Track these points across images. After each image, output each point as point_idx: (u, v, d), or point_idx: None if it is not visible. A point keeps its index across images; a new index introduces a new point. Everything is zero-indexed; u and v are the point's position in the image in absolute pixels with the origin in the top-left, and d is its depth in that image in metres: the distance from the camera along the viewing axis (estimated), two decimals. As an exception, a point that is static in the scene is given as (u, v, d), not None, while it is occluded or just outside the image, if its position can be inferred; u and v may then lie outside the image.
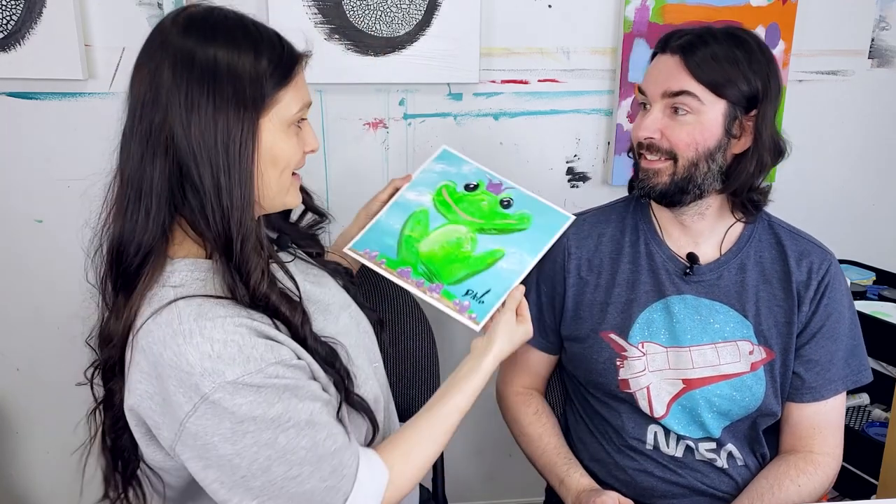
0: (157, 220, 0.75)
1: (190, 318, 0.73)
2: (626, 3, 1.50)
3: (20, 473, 1.72)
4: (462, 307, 0.99)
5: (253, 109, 0.75)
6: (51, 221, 1.53)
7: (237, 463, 0.73)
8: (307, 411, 0.76)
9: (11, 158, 1.49)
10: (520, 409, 1.21)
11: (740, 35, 0.99)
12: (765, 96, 0.98)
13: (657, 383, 1.07)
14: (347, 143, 1.53)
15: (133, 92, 0.76)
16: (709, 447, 1.08)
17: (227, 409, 0.71)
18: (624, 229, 1.13)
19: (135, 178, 0.75)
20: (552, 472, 1.13)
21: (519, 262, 1.02)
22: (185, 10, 0.78)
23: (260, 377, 0.72)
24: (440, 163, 1.09)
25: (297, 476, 0.74)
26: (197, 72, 0.73)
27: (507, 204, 1.07)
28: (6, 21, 1.38)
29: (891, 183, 1.76)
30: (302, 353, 0.80)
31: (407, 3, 1.45)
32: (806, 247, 1.08)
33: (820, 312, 1.05)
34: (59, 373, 1.61)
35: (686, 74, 0.97)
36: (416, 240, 1.03)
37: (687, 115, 0.98)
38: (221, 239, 0.76)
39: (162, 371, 0.72)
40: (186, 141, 0.74)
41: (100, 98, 1.47)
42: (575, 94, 1.59)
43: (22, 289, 1.57)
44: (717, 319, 1.06)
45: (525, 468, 1.80)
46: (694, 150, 0.99)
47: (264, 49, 0.77)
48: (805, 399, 1.06)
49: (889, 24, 1.64)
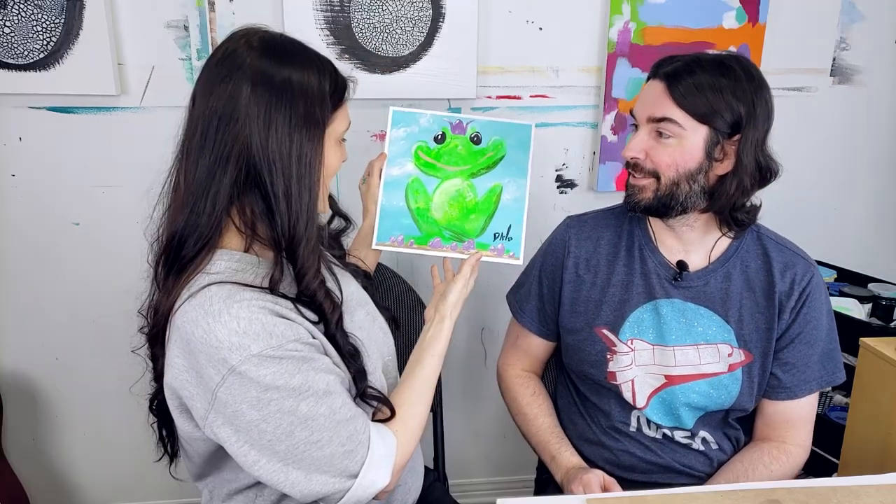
0: (217, 218, 0.80)
1: (220, 300, 0.76)
2: (610, 26, 1.56)
3: (60, 454, 1.78)
4: (499, 251, 1.03)
5: (321, 126, 0.81)
6: (86, 224, 1.59)
7: (263, 427, 0.76)
8: (324, 381, 0.79)
9: (51, 167, 1.55)
10: (519, 391, 1.24)
11: (728, 63, 0.99)
12: (748, 122, 0.98)
13: (642, 377, 1.11)
14: (357, 154, 1.56)
15: (207, 108, 0.79)
16: (683, 434, 1.14)
17: (253, 378, 0.75)
18: (621, 234, 1.16)
19: (202, 182, 0.79)
20: (545, 449, 1.18)
21: (517, 187, 1.05)
22: (256, 34, 0.82)
23: (281, 351, 0.76)
24: (400, 127, 1.06)
25: (318, 441, 0.78)
26: (276, 91, 0.78)
27: (478, 139, 1.05)
28: (47, 42, 1.44)
29: (851, 189, 1.80)
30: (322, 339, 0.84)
31: (411, 26, 1.52)
32: (791, 258, 1.09)
33: (799, 320, 1.08)
34: (93, 362, 1.68)
35: (670, 101, 0.99)
36: (426, 209, 1.03)
37: (670, 139, 1.00)
38: (287, 240, 0.81)
39: (194, 347, 0.76)
40: (262, 153, 0.78)
41: (131, 112, 1.52)
42: (563, 108, 1.64)
43: (60, 285, 1.63)
44: (701, 323, 1.09)
45: (518, 448, 1.87)
46: (675, 171, 1.01)
47: (326, 73, 0.83)
48: (780, 397, 1.10)
49: (849, 45, 1.69)
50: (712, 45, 1.62)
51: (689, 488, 0.94)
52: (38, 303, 1.65)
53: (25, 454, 1.76)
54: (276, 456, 0.78)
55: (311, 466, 0.79)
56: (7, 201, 1.57)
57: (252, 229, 0.83)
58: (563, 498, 1.05)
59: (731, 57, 1.02)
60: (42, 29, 1.44)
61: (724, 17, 1.60)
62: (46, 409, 1.74)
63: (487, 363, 1.85)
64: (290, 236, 0.81)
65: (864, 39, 1.70)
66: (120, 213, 1.59)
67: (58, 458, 1.78)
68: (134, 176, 1.57)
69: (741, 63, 1.01)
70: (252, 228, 0.83)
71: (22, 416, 1.73)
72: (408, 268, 1.70)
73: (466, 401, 1.88)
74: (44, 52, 1.45)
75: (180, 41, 1.51)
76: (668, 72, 1.01)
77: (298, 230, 0.81)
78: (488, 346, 1.83)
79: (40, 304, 1.65)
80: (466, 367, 1.85)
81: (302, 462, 0.78)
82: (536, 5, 1.58)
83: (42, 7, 1.44)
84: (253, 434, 0.77)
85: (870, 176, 1.81)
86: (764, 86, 1.01)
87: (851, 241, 1.84)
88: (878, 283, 1.64)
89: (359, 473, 0.81)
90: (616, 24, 1.57)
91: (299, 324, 0.81)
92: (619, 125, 1.65)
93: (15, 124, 1.52)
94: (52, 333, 1.67)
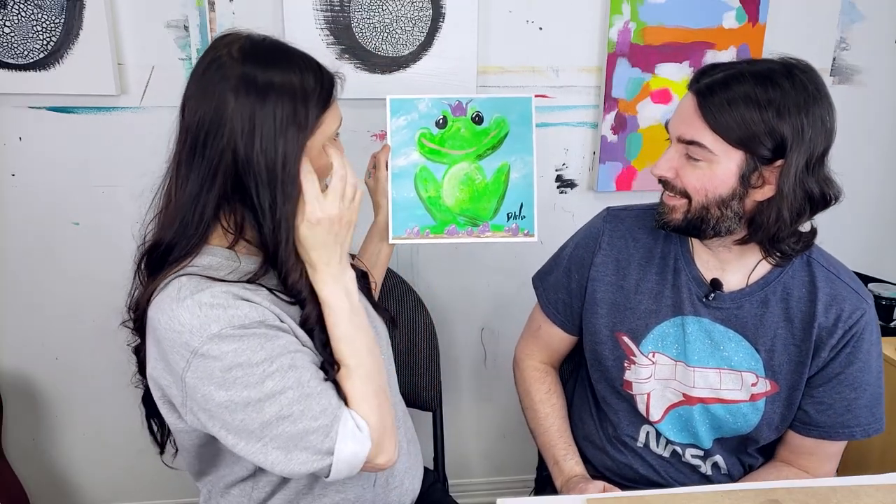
0: (203, 228, 0.82)
1: (187, 289, 0.78)
2: (610, 26, 1.55)
3: (60, 454, 1.77)
4: (513, 231, 1.02)
5: (305, 129, 0.80)
6: (86, 224, 1.59)
7: (233, 408, 0.77)
8: (289, 357, 0.79)
9: (52, 167, 1.54)
10: (534, 384, 1.21)
11: (775, 76, 0.87)
12: (794, 146, 0.86)
13: (660, 391, 1.07)
14: (357, 153, 1.57)
15: (195, 116, 0.79)
16: (695, 453, 1.09)
17: (216, 357, 0.75)
18: (658, 238, 1.08)
19: (192, 196, 0.80)
20: (550, 451, 1.15)
21: (524, 164, 1.03)
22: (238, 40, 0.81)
23: (241, 330, 0.76)
24: (400, 116, 1.04)
25: (290, 415, 0.77)
26: (260, 96, 0.77)
27: (479, 119, 1.04)
28: (47, 42, 1.44)
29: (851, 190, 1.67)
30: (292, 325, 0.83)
31: (411, 26, 1.52)
32: (840, 292, 0.99)
33: (841, 359, 0.99)
34: (93, 362, 1.68)
35: (701, 122, 0.89)
36: (438, 197, 1.02)
37: (701, 162, 0.91)
38: (271, 244, 0.81)
39: (161, 335, 0.78)
40: (247, 164, 0.78)
41: (131, 112, 1.52)
42: (563, 108, 1.64)
43: (60, 285, 1.63)
44: (728, 348, 1.02)
45: (518, 448, 1.90)
46: (704, 196, 0.93)
47: (310, 73, 0.81)
48: (813, 435, 1.03)
49: (849, 45, 1.68)
50: (712, 46, 1.62)
51: (690, 488, 0.94)
52: (38, 303, 1.65)
53: (25, 454, 1.76)
54: (252, 436, 0.78)
55: (289, 443, 0.78)
56: (7, 201, 1.57)
57: (239, 231, 0.83)
58: (563, 498, 1.05)
59: (783, 67, 0.89)
60: (42, 29, 1.44)
61: (724, 17, 1.60)
62: (46, 409, 1.74)
63: (487, 363, 1.85)
64: (273, 241, 0.82)
65: (864, 39, 1.69)
66: (119, 212, 1.59)
67: (58, 457, 1.79)
68: (133, 176, 1.57)
69: (793, 75, 0.88)
70: (239, 230, 0.83)
71: (22, 415, 1.73)
72: (407, 266, 1.70)
73: (466, 401, 1.88)
74: (44, 51, 1.45)
75: (180, 41, 1.51)
76: (702, 87, 0.90)
77: (280, 235, 0.81)
78: (488, 346, 1.83)
79: (40, 304, 1.65)
80: (466, 368, 1.85)
81: (278, 439, 0.78)
82: (536, 5, 1.58)
83: (42, 7, 1.44)
84: (225, 416, 0.78)
85: (869, 176, 1.81)
86: (820, 101, 0.88)
87: (851, 241, 1.83)
88: (878, 283, 1.64)
89: (334, 449, 0.80)
90: (616, 23, 1.57)
91: (265, 307, 0.81)
92: (619, 125, 1.65)
93: (15, 124, 1.52)
94: (52, 333, 1.67)
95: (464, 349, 1.82)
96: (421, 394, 1.39)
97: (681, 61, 1.62)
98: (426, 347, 1.40)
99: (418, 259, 1.72)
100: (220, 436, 0.80)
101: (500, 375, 1.85)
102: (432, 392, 1.39)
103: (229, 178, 0.79)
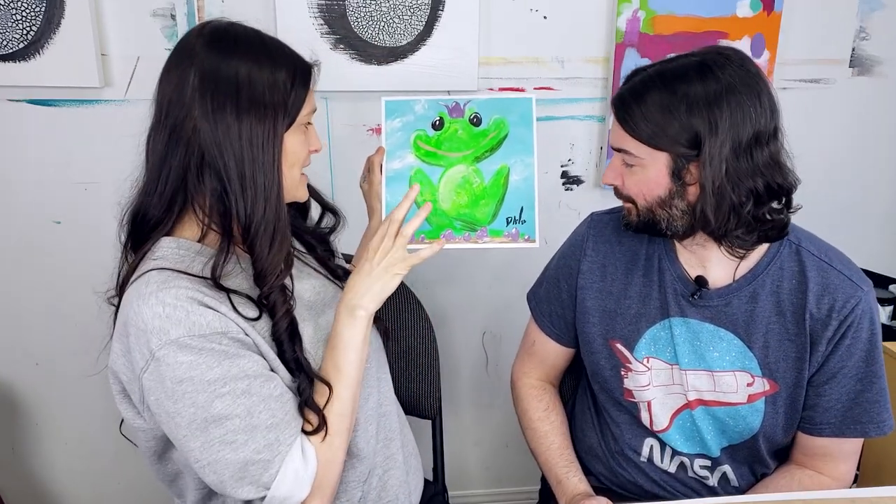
0: (165, 199, 0.83)
1: (154, 284, 0.78)
2: (618, 15, 1.52)
3: (41, 464, 1.75)
4: (513, 236, 1.00)
5: (273, 114, 0.82)
6: (68, 222, 1.56)
7: (178, 422, 0.77)
8: (244, 382, 0.78)
9: (31, 163, 1.51)
10: (531, 403, 1.19)
11: (684, 75, 0.90)
12: (709, 138, 0.88)
13: (661, 398, 1.06)
14: (352, 148, 1.57)
15: (160, 94, 0.83)
16: (703, 464, 1.07)
17: (170, 365, 0.76)
18: (642, 239, 1.08)
19: (156, 165, 0.83)
20: (551, 470, 1.13)
21: (524, 167, 1.01)
22: (210, 23, 0.85)
23: (202, 341, 0.77)
24: (395, 118, 1.02)
25: (233, 442, 0.77)
26: (222, 85, 0.80)
27: (478, 120, 1.02)
28: (26, 31, 1.40)
29: (872, 185, 1.77)
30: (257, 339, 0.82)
31: (409, 15, 1.49)
32: (832, 280, 0.96)
33: (841, 352, 0.96)
34: (75, 367, 1.65)
35: (620, 130, 0.94)
36: (434, 201, 1.00)
37: (635, 167, 0.95)
38: (245, 224, 0.82)
39: (128, 329, 0.78)
40: (211, 136, 0.80)
41: (115, 105, 1.49)
42: (569, 101, 1.61)
43: (41, 287, 1.60)
44: (718, 348, 1.01)
45: (521, 459, 1.87)
46: (644, 199, 0.96)
47: (282, 62, 0.84)
48: (823, 433, 1.00)
49: (869, 35, 1.65)
50: (725, 35, 1.58)
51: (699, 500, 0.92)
52: (17, 305, 1.62)
53: (4, 464, 1.73)
54: (192, 454, 0.78)
55: (227, 469, 0.78)
56: (-15, 199, 1.55)
57: (209, 218, 0.84)
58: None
59: (698, 62, 0.90)
60: (21, 18, 1.41)
61: (738, 5, 1.56)
62: (26, 417, 1.71)
63: (489, 369, 1.83)
64: (247, 221, 0.82)
65: (884, 29, 1.66)
66: (103, 210, 1.53)
67: (38, 468, 1.76)
68: (118, 172, 1.50)
69: (705, 68, 0.89)
70: (209, 217, 0.84)
71: (0, 423, 1.69)
72: None
73: (467, 409, 1.88)
74: (23, 41, 1.42)
75: (167, 31, 1.48)
76: (615, 100, 0.95)
77: (257, 213, 0.82)
78: (490, 351, 1.81)
79: (19, 307, 1.62)
80: (467, 374, 1.83)
81: (217, 464, 0.78)
82: (541, -7, 1.55)
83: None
84: (171, 426, 0.78)
85: (891, 171, 1.78)
86: (741, 89, 0.88)
87: (872, 240, 1.81)
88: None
89: (271, 486, 0.79)
90: (624, 12, 1.54)
91: (231, 318, 0.81)
92: (627, 119, 1.59)
93: (-7, 118, 1.50)
94: (32, 338, 1.65)
95: (464, 354, 1.80)
96: (419, 401, 1.38)
97: (692, 52, 1.57)
98: (425, 352, 1.37)
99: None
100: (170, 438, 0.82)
101: (503, 381, 1.83)
102: (431, 399, 1.37)
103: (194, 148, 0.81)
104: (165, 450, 0.89)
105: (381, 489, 0.98)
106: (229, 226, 0.83)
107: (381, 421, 1.00)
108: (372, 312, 0.88)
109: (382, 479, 0.99)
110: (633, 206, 0.99)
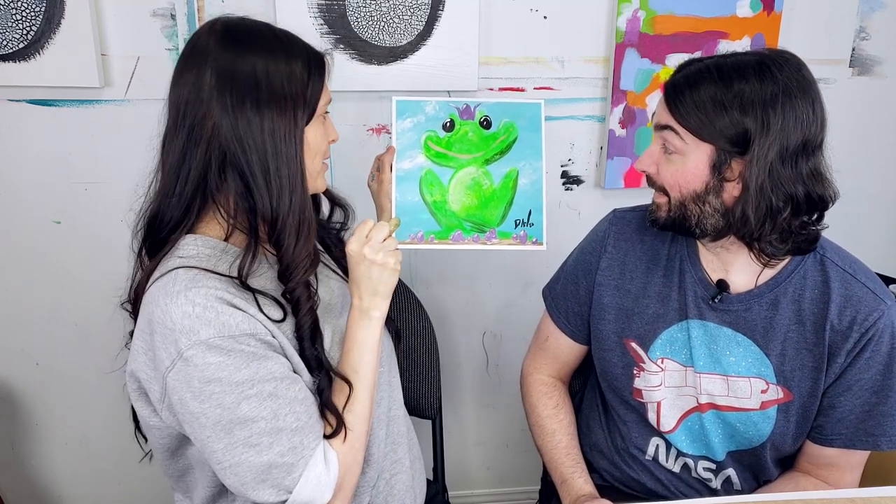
0: (185, 200, 0.82)
1: (182, 283, 0.77)
2: (618, 15, 1.52)
3: (41, 464, 1.74)
4: (521, 238, 1.01)
5: (293, 106, 0.82)
6: (69, 222, 1.56)
7: (203, 422, 0.77)
8: (272, 384, 0.78)
9: (32, 162, 1.51)
10: (541, 400, 1.19)
11: (742, 71, 0.88)
12: (758, 138, 0.86)
13: (671, 399, 1.05)
14: (352, 148, 1.57)
15: (175, 96, 0.82)
16: (707, 466, 1.07)
17: (198, 366, 0.75)
18: (665, 239, 1.07)
19: (174, 167, 0.82)
20: (557, 469, 1.12)
21: (533, 170, 1.03)
22: (219, 20, 0.84)
23: (231, 342, 0.76)
24: (406, 118, 1.03)
25: (257, 445, 0.77)
26: (240, 81, 0.79)
27: (488, 123, 1.04)
28: (26, 32, 1.40)
29: (872, 186, 1.77)
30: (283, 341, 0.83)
31: (409, 15, 1.48)
32: (856, 292, 0.95)
33: (859, 365, 0.95)
34: (76, 367, 1.65)
35: (669, 115, 0.93)
36: (443, 201, 1.01)
37: (674, 155, 0.93)
38: (271, 218, 0.81)
39: (154, 328, 0.78)
40: (232, 132, 0.79)
41: (116, 105, 1.48)
42: (569, 101, 1.60)
43: (41, 287, 1.60)
44: (735, 353, 1.01)
45: (521, 459, 1.88)
46: (678, 191, 0.94)
47: (296, 54, 0.83)
48: (834, 444, 0.99)
49: (869, 35, 1.65)
50: (725, 35, 1.58)
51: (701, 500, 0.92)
52: (17, 305, 1.61)
53: (4, 464, 1.72)
54: (214, 455, 0.78)
55: (249, 472, 0.78)
56: (-15, 199, 1.55)
57: (234, 218, 0.83)
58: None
59: (756, 61, 0.89)
60: (21, 18, 1.40)
61: (738, 5, 1.55)
62: (26, 417, 1.70)
63: (489, 369, 1.82)
64: (273, 215, 0.81)
65: (884, 29, 1.65)
66: (104, 210, 1.57)
67: (38, 468, 1.75)
68: (118, 172, 1.55)
69: (765, 68, 0.88)
70: (234, 217, 0.83)
71: (0, 424, 1.69)
72: (406, 268, 1.67)
73: (467, 408, 1.87)
74: (23, 41, 1.41)
75: (167, 31, 1.47)
76: (667, 85, 0.94)
77: (283, 206, 0.81)
78: (490, 351, 1.80)
79: (19, 307, 1.61)
80: (467, 374, 1.82)
81: (240, 466, 0.78)
82: (541, -8, 1.55)
83: (21, -7, 1.40)
84: (195, 426, 0.78)
85: (891, 171, 1.77)
86: (796, 94, 0.87)
87: (873, 241, 1.80)
88: (901, 285, 1.59)
89: (293, 490, 0.79)
90: (624, 12, 1.53)
91: (259, 320, 0.80)
92: (627, 119, 1.61)
93: (-7, 118, 1.50)
94: (32, 337, 1.64)
95: (465, 354, 1.80)
96: (420, 401, 1.38)
97: (692, 52, 1.57)
98: (425, 352, 1.37)
99: (417, 261, 1.69)
100: (191, 437, 0.81)
101: (503, 381, 1.82)
102: (432, 399, 1.37)
103: (214, 147, 0.80)
104: (179, 447, 0.88)
105: (388, 493, 0.98)
106: (255, 223, 0.82)
107: (391, 425, 1.00)
108: (385, 311, 0.89)
109: (389, 484, 0.98)
110: (665, 199, 0.97)
